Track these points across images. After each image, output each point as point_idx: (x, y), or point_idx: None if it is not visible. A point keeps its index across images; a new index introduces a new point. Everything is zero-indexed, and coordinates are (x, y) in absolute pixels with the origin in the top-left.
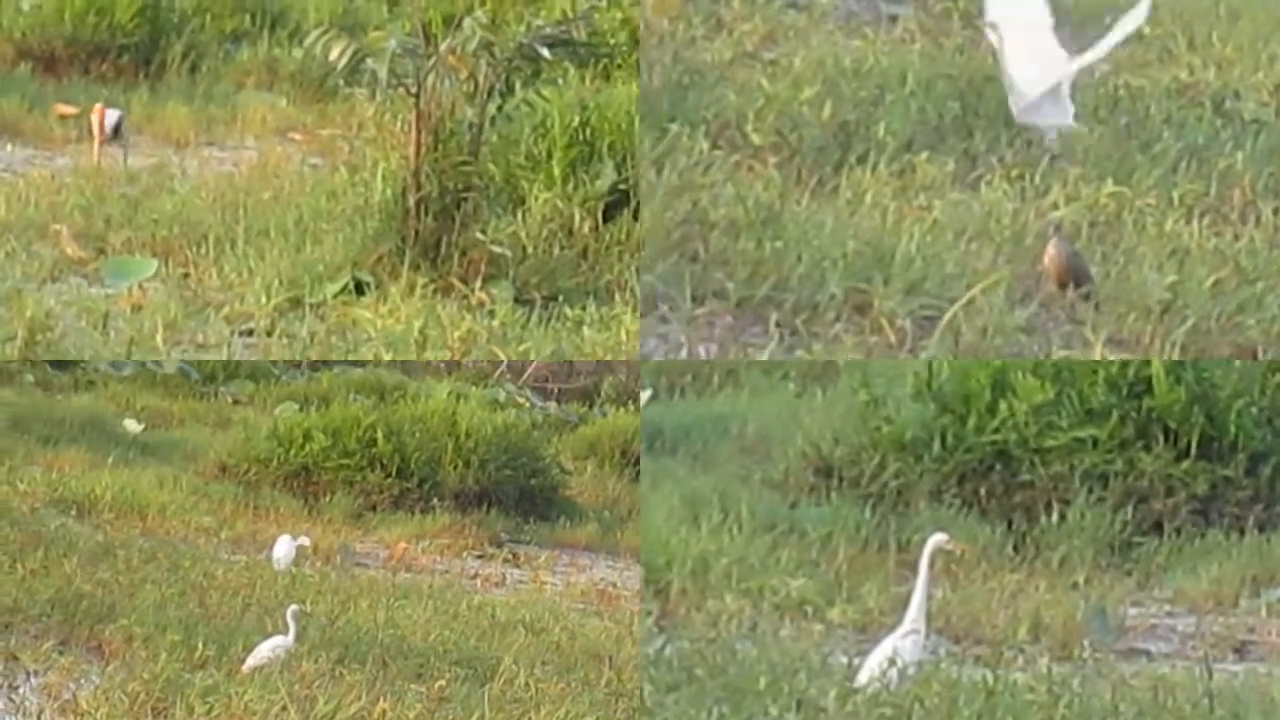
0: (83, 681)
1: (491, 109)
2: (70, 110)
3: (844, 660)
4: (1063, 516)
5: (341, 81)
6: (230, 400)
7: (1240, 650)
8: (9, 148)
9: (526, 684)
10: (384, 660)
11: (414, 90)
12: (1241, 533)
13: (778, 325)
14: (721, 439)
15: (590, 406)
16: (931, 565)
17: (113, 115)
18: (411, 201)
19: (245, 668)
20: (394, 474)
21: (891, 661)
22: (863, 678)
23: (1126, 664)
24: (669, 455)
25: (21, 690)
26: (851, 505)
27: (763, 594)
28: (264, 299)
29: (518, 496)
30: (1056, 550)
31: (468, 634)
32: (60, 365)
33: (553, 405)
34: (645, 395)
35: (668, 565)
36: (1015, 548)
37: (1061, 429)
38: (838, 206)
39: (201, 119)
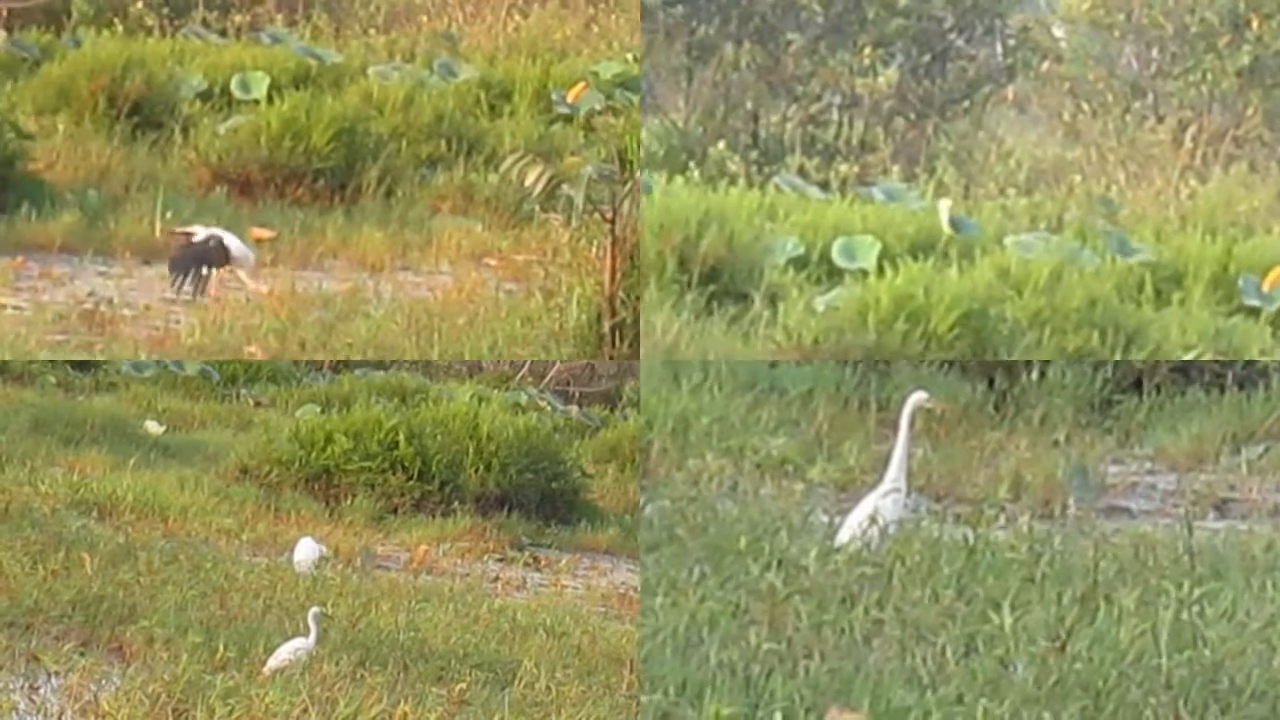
0: (104, 683)
1: None
2: (266, 234)
3: (825, 519)
4: (1043, 375)
5: (537, 207)
6: (252, 402)
7: (1221, 507)
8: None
9: (547, 687)
10: (405, 663)
11: (609, 215)
12: (1221, 390)
13: None
14: None
15: (612, 410)
16: (912, 424)
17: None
18: (606, 327)
19: (266, 670)
20: (415, 477)
21: (872, 520)
22: (843, 536)
23: (1107, 522)
24: None
25: (42, 691)
26: (831, 365)
27: (743, 453)
28: None
29: (539, 500)
30: (1037, 408)
31: (489, 637)
32: (82, 366)
33: (574, 409)
34: None
35: (648, 425)
36: (995, 406)
37: None
38: None
39: (397, 243)
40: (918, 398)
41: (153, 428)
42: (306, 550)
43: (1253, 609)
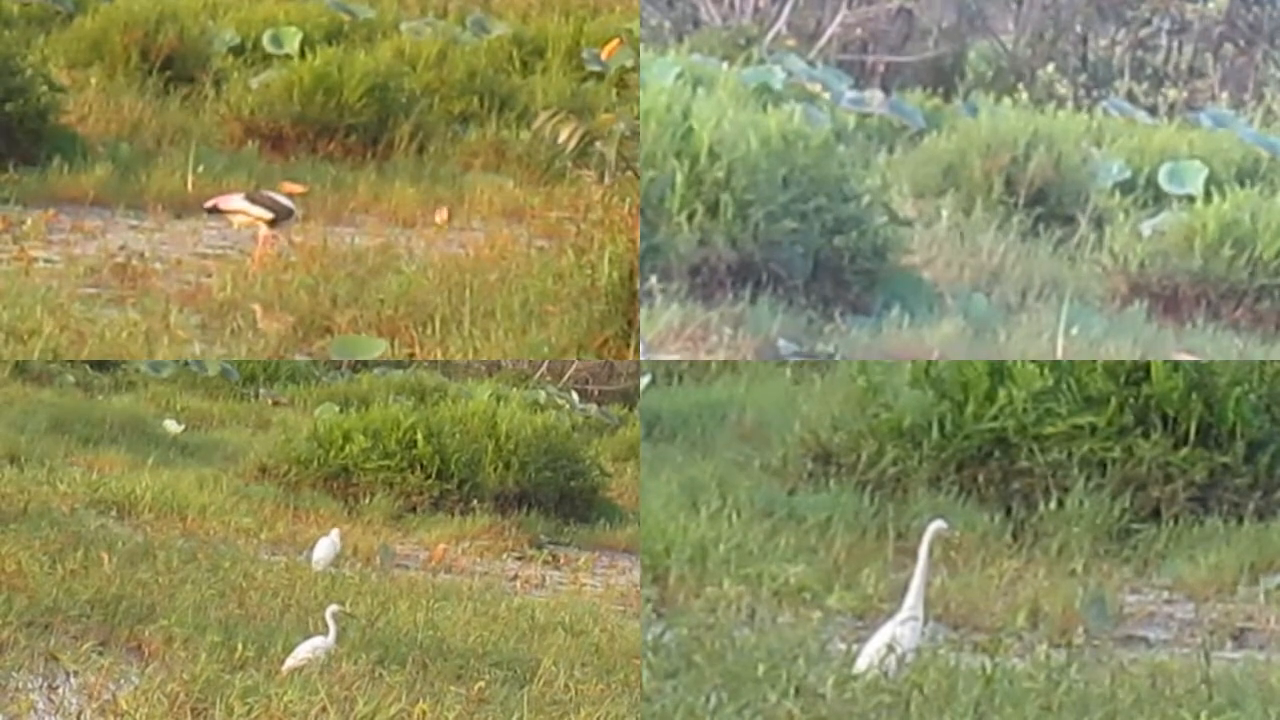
0: (122, 682)
1: None
2: (298, 189)
3: (842, 647)
4: (1061, 504)
5: (569, 164)
6: (270, 401)
7: (1238, 637)
8: (236, 226)
9: (566, 686)
10: (424, 661)
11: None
12: (1240, 520)
13: None
14: (720, 426)
15: (630, 408)
16: (930, 552)
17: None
18: (638, 285)
19: (285, 668)
20: (434, 475)
21: (890, 648)
22: (861, 664)
23: (1125, 651)
24: (667, 442)
25: (61, 690)
26: (850, 492)
27: (761, 580)
28: None
29: (558, 498)
30: (1055, 537)
31: (507, 635)
32: (101, 366)
33: (593, 407)
34: (644, 381)
35: (666, 552)
36: (1014, 535)
37: (1060, 416)
38: None
39: (429, 199)
40: (936, 526)
41: (171, 427)
42: (325, 549)
43: None
